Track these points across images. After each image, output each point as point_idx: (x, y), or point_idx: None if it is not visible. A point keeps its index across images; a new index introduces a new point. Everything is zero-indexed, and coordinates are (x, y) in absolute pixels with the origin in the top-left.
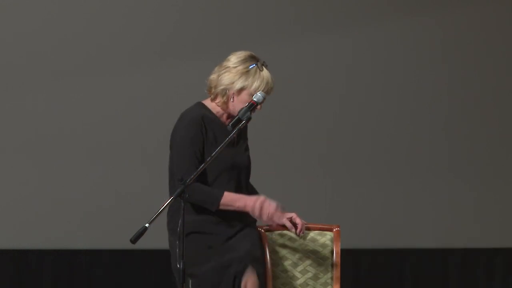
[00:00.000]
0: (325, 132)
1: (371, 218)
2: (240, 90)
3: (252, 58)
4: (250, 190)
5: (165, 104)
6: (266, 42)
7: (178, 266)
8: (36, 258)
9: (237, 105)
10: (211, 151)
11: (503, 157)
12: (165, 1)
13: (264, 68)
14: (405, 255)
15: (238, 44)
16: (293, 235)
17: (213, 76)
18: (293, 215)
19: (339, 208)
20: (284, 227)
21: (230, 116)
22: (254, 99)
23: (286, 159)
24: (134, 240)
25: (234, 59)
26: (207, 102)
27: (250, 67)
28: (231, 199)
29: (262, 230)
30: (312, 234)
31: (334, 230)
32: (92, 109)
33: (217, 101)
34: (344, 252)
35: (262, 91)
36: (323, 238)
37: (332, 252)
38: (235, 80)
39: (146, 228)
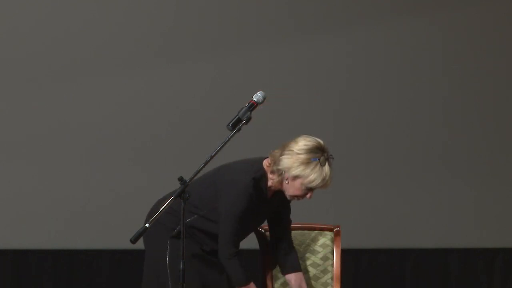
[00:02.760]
0: (324, 132)
1: (371, 218)
2: (296, 177)
3: (318, 150)
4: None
5: (164, 104)
6: (266, 42)
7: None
8: (36, 258)
9: (289, 188)
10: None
11: (503, 157)
12: (165, 1)
13: (326, 164)
14: (405, 255)
15: (238, 44)
16: (293, 235)
17: (276, 152)
18: None
19: (339, 208)
20: None
21: (278, 192)
22: (254, 99)
23: None
24: (134, 240)
25: (301, 145)
26: (268, 168)
27: (313, 160)
28: None
29: (262, 230)
30: (312, 234)
31: (334, 230)
32: (93, 109)
33: (273, 177)
34: (344, 252)
35: (317, 185)
36: (323, 238)
37: (332, 252)
38: (293, 167)
39: (146, 228)
